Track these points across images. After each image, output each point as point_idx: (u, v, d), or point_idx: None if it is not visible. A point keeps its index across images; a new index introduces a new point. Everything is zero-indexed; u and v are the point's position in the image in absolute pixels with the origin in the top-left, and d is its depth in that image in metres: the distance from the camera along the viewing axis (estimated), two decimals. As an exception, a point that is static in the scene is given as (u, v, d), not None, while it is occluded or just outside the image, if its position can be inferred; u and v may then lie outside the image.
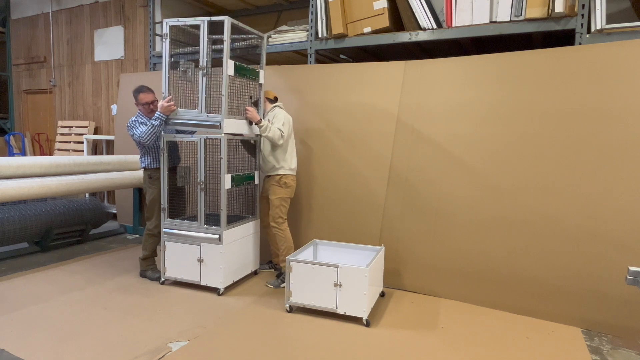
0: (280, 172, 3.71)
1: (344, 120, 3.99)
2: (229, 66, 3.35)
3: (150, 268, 3.84)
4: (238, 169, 3.88)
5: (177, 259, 3.61)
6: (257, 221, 3.96)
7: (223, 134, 3.38)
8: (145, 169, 3.79)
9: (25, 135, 7.73)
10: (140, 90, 3.70)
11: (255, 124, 3.59)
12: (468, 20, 3.72)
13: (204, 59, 3.37)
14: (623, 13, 3.74)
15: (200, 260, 3.52)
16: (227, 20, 3.30)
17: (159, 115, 3.47)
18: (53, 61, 7.39)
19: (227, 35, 3.30)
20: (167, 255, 3.64)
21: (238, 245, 3.67)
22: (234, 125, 3.51)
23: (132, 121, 3.64)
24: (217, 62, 3.70)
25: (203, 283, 3.53)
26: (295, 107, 4.19)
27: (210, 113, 3.43)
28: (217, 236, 3.45)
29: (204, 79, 3.38)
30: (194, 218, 3.69)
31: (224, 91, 3.34)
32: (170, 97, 3.50)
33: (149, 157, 3.75)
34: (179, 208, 3.85)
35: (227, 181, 3.46)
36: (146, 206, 3.81)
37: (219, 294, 3.47)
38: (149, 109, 3.69)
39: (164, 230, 3.64)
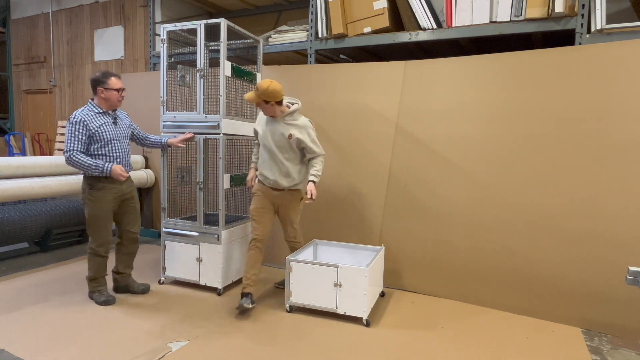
0: (300, 186, 3.30)
1: (343, 120, 3.99)
2: (225, 67, 3.36)
3: (97, 290, 3.26)
4: (237, 168, 3.88)
5: (176, 258, 3.62)
6: (257, 221, 3.95)
7: (221, 134, 3.38)
8: (84, 176, 3.13)
9: (25, 135, 7.74)
10: (109, 74, 3.11)
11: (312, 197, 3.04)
12: (468, 21, 3.72)
13: (201, 61, 3.38)
14: (623, 13, 3.74)
15: (199, 260, 3.52)
16: (223, 23, 3.31)
17: (107, 171, 3.04)
18: (53, 61, 7.40)
19: (223, 37, 3.31)
20: (166, 254, 3.64)
21: (237, 245, 3.66)
22: (232, 126, 3.51)
23: (86, 113, 3.05)
24: (215, 62, 3.70)
25: (202, 283, 3.53)
26: (295, 107, 4.19)
27: (208, 114, 3.44)
28: (215, 236, 3.45)
29: (202, 80, 3.38)
30: (193, 217, 3.69)
31: (222, 91, 3.35)
32: (126, 174, 3.14)
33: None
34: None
35: (225, 181, 3.46)
36: (86, 222, 3.21)
37: (218, 294, 3.46)
38: (120, 96, 3.13)
39: (163, 229, 3.64)
